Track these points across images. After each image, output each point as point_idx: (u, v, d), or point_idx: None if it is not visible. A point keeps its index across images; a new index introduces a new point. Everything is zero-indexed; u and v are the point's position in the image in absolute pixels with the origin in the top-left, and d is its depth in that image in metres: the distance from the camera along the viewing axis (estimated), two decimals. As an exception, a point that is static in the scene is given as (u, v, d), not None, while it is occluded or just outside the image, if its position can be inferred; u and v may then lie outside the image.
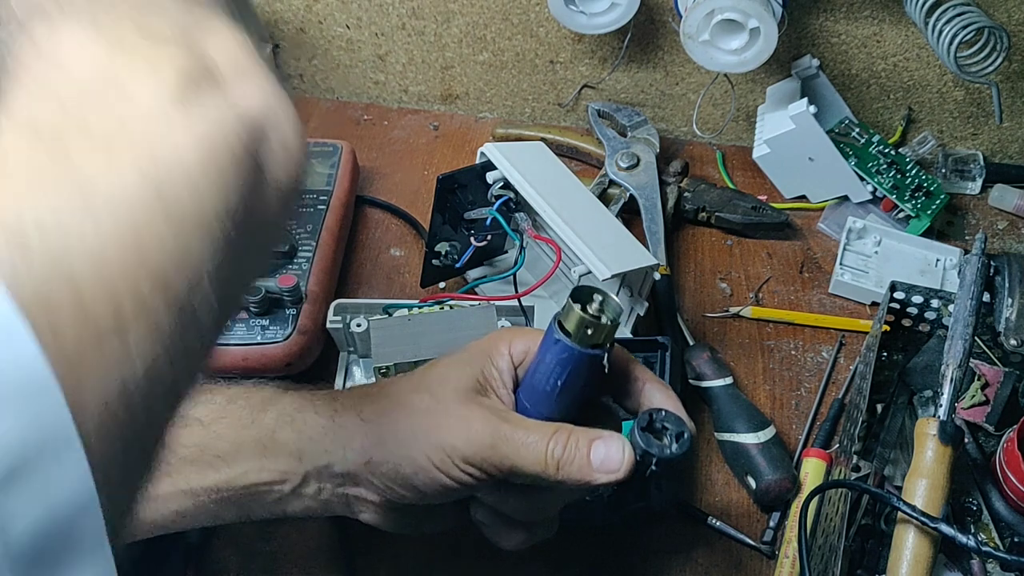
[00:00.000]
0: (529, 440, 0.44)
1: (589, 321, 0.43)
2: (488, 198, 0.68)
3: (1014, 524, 0.61)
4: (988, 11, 0.75)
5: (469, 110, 0.95)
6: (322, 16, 0.88)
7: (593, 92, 0.91)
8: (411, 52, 0.90)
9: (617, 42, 0.86)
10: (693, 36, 0.75)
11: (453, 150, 0.91)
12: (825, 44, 0.84)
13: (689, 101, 0.90)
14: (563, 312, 0.44)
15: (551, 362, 0.45)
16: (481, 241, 0.69)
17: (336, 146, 0.80)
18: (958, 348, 0.60)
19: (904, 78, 0.85)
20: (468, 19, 0.86)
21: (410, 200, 0.84)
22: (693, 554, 0.62)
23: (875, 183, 0.83)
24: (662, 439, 0.46)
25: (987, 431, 0.67)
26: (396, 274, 0.79)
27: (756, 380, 0.73)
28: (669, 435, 0.46)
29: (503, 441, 0.44)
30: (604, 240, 0.63)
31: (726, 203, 0.83)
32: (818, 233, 0.84)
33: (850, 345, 0.75)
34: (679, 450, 0.45)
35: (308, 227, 0.72)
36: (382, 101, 0.95)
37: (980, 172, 0.87)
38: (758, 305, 0.78)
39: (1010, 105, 0.85)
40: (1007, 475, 0.61)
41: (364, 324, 0.64)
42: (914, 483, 0.56)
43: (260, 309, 0.66)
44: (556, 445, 0.44)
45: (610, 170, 0.81)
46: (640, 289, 0.66)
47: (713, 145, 0.92)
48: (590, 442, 0.44)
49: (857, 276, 0.79)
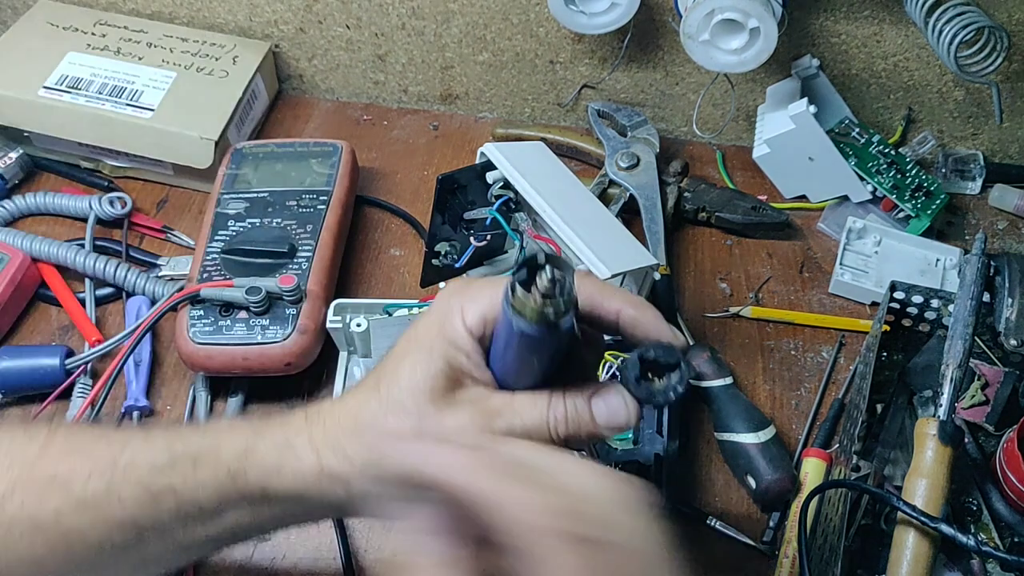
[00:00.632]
0: (527, 423, 0.42)
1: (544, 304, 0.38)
2: (488, 198, 0.68)
3: (1014, 524, 0.61)
4: (988, 11, 0.75)
5: (469, 110, 0.95)
6: (322, 16, 0.88)
7: (593, 92, 0.91)
8: (411, 52, 0.90)
9: (617, 42, 0.86)
10: (693, 36, 0.75)
11: (453, 150, 0.91)
12: (825, 44, 0.84)
13: (689, 101, 0.90)
14: (514, 297, 0.39)
15: (518, 346, 0.41)
16: (481, 241, 0.69)
17: (336, 146, 0.80)
18: (958, 348, 0.60)
19: (904, 78, 0.85)
20: (468, 19, 0.86)
21: (410, 200, 0.85)
22: (693, 554, 0.62)
23: (875, 183, 0.83)
24: (660, 379, 0.42)
25: (987, 431, 0.67)
26: (396, 274, 0.79)
27: (756, 380, 0.73)
28: (666, 374, 0.42)
29: (501, 439, 0.42)
30: (604, 240, 0.62)
31: (726, 203, 0.83)
32: (818, 233, 0.84)
33: (850, 345, 0.75)
34: (680, 386, 0.41)
35: (308, 227, 0.73)
36: (382, 101, 0.95)
37: (980, 172, 0.87)
38: (758, 305, 0.78)
39: (1010, 105, 0.85)
40: (1007, 475, 0.61)
41: (364, 324, 0.64)
42: (914, 483, 0.56)
43: (260, 309, 0.66)
44: (556, 420, 0.42)
45: (610, 170, 0.81)
46: (640, 289, 0.66)
47: (713, 145, 0.92)
48: (588, 401, 0.42)
49: (857, 276, 0.79)
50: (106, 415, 0.67)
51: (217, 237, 0.72)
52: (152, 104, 0.80)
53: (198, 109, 0.81)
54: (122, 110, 0.79)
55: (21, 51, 0.83)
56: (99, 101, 0.80)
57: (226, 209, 0.74)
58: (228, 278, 0.68)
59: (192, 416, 0.67)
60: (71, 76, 0.81)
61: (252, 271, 0.69)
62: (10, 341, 0.72)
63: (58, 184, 0.83)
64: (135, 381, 0.68)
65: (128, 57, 0.84)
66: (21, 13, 0.89)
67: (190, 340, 0.65)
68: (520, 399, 0.42)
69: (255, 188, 0.76)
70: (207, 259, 0.70)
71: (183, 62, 0.85)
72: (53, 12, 0.88)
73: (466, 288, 0.44)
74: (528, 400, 0.42)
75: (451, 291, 0.44)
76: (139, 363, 0.69)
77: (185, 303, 0.67)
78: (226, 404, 0.68)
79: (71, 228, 0.79)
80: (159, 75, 0.83)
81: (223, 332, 0.65)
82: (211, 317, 0.66)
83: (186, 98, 0.81)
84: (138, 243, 0.79)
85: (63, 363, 0.66)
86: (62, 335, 0.72)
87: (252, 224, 0.73)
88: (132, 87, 0.81)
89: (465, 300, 0.43)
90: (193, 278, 0.69)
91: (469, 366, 0.42)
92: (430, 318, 0.43)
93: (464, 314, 0.42)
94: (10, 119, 0.80)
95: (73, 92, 0.80)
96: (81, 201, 0.78)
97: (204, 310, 0.66)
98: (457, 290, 0.44)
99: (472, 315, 0.42)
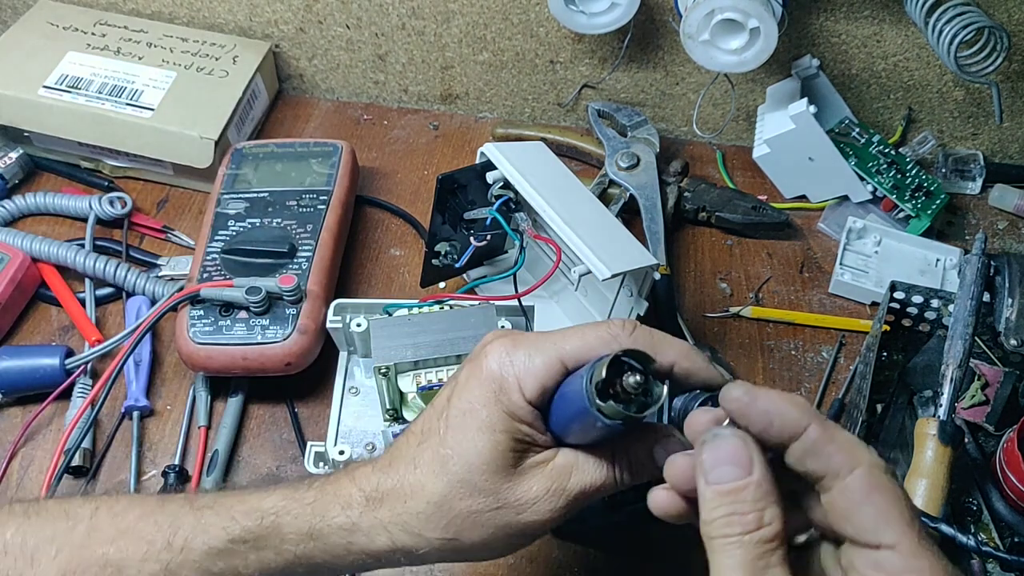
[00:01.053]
0: (596, 481, 0.43)
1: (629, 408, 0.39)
2: (488, 198, 0.68)
3: (1014, 524, 0.61)
4: (988, 11, 0.75)
5: (469, 110, 0.95)
6: (322, 16, 0.88)
7: (593, 92, 0.91)
8: (411, 52, 0.90)
9: (617, 42, 0.86)
10: (693, 36, 0.75)
11: (453, 150, 0.91)
12: (825, 44, 0.84)
13: (689, 101, 0.90)
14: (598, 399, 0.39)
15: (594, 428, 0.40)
16: (481, 241, 0.69)
17: (336, 146, 0.80)
18: (958, 348, 0.60)
19: (904, 78, 0.85)
20: (468, 19, 0.86)
21: (410, 200, 0.84)
22: (693, 555, 0.62)
23: (875, 183, 0.83)
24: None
25: (987, 431, 0.67)
26: (396, 274, 0.79)
27: (756, 380, 0.73)
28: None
29: (573, 498, 0.43)
30: (604, 240, 0.62)
31: (726, 203, 0.83)
32: (818, 233, 0.84)
33: (850, 345, 0.75)
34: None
35: (308, 227, 0.73)
36: (382, 101, 0.95)
37: (980, 172, 0.87)
38: (758, 305, 0.78)
39: (1010, 105, 0.85)
40: (1007, 475, 0.61)
41: (364, 324, 0.64)
42: (914, 483, 0.56)
43: (260, 309, 0.66)
44: (622, 475, 0.43)
45: (610, 170, 0.81)
46: (640, 289, 0.66)
47: (713, 145, 0.92)
48: (651, 453, 0.43)
49: (857, 276, 0.79)
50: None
51: (217, 237, 0.72)
52: (152, 104, 0.80)
53: (198, 109, 0.81)
54: (122, 110, 0.79)
55: (21, 51, 0.83)
56: (99, 101, 0.80)
57: (226, 209, 0.74)
58: (228, 278, 0.68)
59: (192, 416, 0.68)
60: (71, 76, 0.81)
61: (252, 271, 0.69)
62: (10, 341, 0.72)
63: (58, 184, 0.83)
64: (135, 381, 0.68)
65: (128, 57, 0.84)
66: (21, 13, 0.89)
67: (190, 340, 0.65)
68: (586, 459, 0.43)
69: (255, 188, 0.76)
70: (207, 259, 0.70)
71: (183, 62, 0.85)
72: (53, 12, 0.88)
73: (515, 350, 0.43)
74: (595, 460, 0.43)
75: (499, 356, 0.43)
76: (139, 363, 0.69)
77: (185, 303, 0.67)
78: (226, 404, 0.68)
79: (71, 228, 0.79)
80: (159, 75, 0.83)
81: (223, 332, 0.65)
82: (211, 317, 0.66)
83: (186, 98, 0.81)
84: (138, 243, 0.79)
85: (63, 363, 0.66)
86: (62, 335, 0.72)
87: (252, 224, 0.73)
88: (132, 87, 0.81)
89: (521, 372, 0.42)
90: (193, 278, 0.69)
91: (532, 434, 0.43)
92: (483, 389, 0.43)
93: (523, 387, 0.42)
94: (10, 119, 0.80)
95: (73, 92, 0.80)
96: (81, 201, 0.78)
97: (204, 310, 0.66)
98: (507, 356, 0.43)
99: (531, 388, 0.42)
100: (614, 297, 0.66)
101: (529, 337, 0.44)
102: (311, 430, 0.68)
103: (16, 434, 0.65)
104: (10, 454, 0.65)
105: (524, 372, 0.42)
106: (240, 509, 0.43)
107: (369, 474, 0.44)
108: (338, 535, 0.43)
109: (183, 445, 0.66)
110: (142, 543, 0.42)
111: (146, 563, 0.42)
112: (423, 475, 0.43)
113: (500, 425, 0.42)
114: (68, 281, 0.74)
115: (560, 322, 0.73)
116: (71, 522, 0.43)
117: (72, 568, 0.42)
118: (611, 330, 0.43)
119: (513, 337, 0.44)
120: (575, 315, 0.73)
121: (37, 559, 0.42)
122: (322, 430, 0.66)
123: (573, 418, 0.42)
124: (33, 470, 0.65)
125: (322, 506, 0.43)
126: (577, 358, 0.42)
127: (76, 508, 0.44)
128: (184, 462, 0.65)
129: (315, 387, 0.70)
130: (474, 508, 0.42)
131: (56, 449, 0.63)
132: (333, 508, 0.43)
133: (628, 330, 0.43)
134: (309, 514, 0.43)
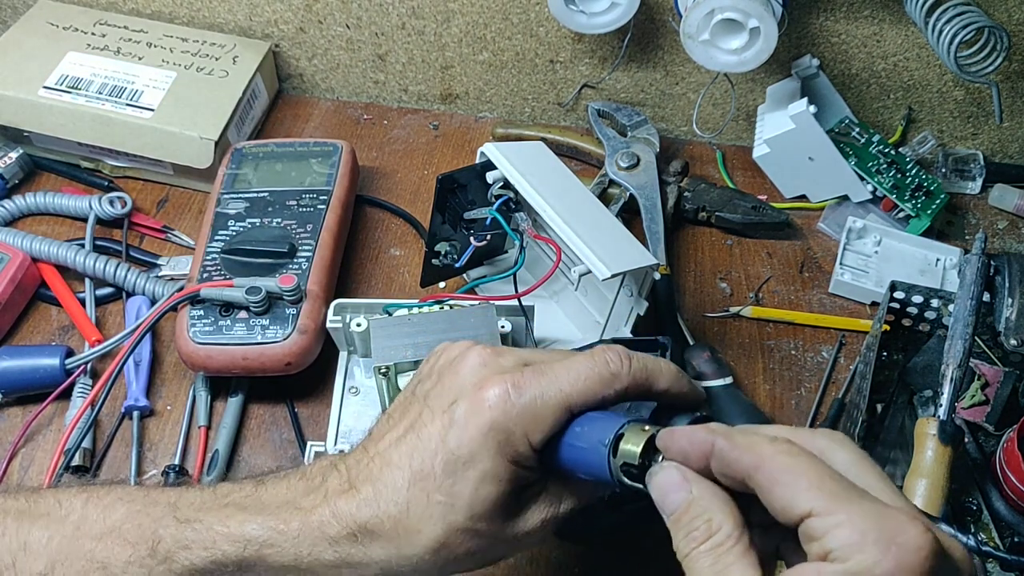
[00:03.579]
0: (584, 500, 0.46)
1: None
2: (488, 198, 0.68)
3: (1014, 524, 0.61)
4: (988, 11, 0.75)
5: (469, 110, 0.95)
6: (322, 16, 0.88)
7: (593, 92, 0.91)
8: (411, 52, 0.90)
9: (617, 42, 0.86)
10: (693, 36, 0.75)
11: (453, 150, 0.91)
12: (825, 44, 0.84)
13: (689, 101, 0.90)
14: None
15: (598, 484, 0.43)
16: (481, 241, 0.69)
17: (336, 146, 0.80)
18: (958, 348, 0.60)
19: (904, 78, 0.85)
20: (468, 19, 0.86)
21: (410, 200, 0.85)
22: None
23: (875, 183, 0.83)
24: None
25: (987, 431, 0.67)
26: (396, 274, 0.79)
27: (756, 380, 0.73)
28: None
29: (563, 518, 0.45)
30: (604, 240, 0.62)
31: (726, 203, 0.83)
32: (818, 233, 0.84)
33: (850, 345, 0.75)
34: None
35: (308, 227, 0.73)
36: (382, 101, 0.95)
37: (980, 172, 0.87)
38: (758, 305, 0.78)
39: (1010, 105, 0.85)
40: (1007, 475, 0.61)
41: (364, 324, 0.64)
42: (914, 483, 0.56)
43: (260, 309, 0.66)
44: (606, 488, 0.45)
45: (610, 170, 0.81)
46: (640, 289, 0.66)
47: (713, 145, 0.92)
48: None
49: (857, 276, 0.79)
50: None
51: (217, 237, 0.72)
52: (152, 104, 0.80)
53: (198, 109, 0.81)
54: (122, 110, 0.79)
55: (21, 51, 0.83)
56: (99, 101, 0.80)
57: (226, 209, 0.74)
58: (228, 278, 0.68)
59: (192, 416, 0.68)
60: (71, 76, 0.81)
61: (252, 271, 0.69)
62: (10, 341, 0.72)
63: (58, 184, 0.83)
64: (135, 381, 0.68)
65: (128, 57, 0.84)
66: (21, 13, 0.89)
67: (190, 340, 0.65)
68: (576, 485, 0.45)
69: (255, 188, 0.76)
70: (207, 259, 0.70)
71: (183, 62, 0.85)
72: (53, 12, 0.88)
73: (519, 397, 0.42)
74: (583, 485, 0.45)
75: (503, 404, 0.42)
76: (139, 363, 0.69)
77: (185, 303, 0.67)
78: (226, 404, 0.68)
79: (71, 228, 0.79)
80: (159, 75, 0.83)
81: (223, 332, 0.65)
82: (211, 317, 0.66)
83: (186, 98, 0.81)
84: (138, 243, 0.79)
85: (63, 363, 0.66)
86: (62, 335, 0.72)
87: (252, 224, 0.73)
88: (132, 87, 0.81)
89: (529, 426, 0.42)
90: (193, 278, 0.69)
91: (533, 476, 0.44)
92: (487, 440, 0.42)
93: (530, 438, 0.42)
94: (10, 119, 0.80)
95: (73, 92, 0.80)
96: (81, 201, 0.78)
97: (204, 310, 0.66)
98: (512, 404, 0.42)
99: (538, 438, 0.42)
100: (614, 297, 0.66)
101: (529, 380, 0.43)
102: (311, 430, 0.68)
103: (16, 434, 0.65)
104: (10, 454, 0.65)
105: (532, 425, 0.42)
106: (222, 533, 0.43)
107: (353, 510, 0.42)
108: (326, 570, 0.43)
109: (183, 445, 0.66)
110: (127, 546, 0.43)
111: (130, 566, 0.43)
112: (417, 520, 0.42)
113: (505, 475, 0.42)
114: (68, 281, 0.74)
115: (560, 322, 0.73)
116: (63, 511, 0.44)
117: (61, 558, 0.43)
118: (610, 368, 0.43)
119: (513, 379, 0.43)
120: (575, 315, 0.73)
121: (30, 544, 0.43)
122: (322, 430, 0.66)
123: (580, 469, 0.43)
124: (33, 470, 0.65)
125: (309, 541, 0.43)
126: (583, 404, 0.43)
127: (69, 498, 0.45)
128: (184, 462, 0.65)
129: (315, 387, 0.70)
130: (473, 549, 0.43)
131: (56, 449, 0.63)
132: (320, 544, 0.43)
133: (625, 366, 0.43)
134: (295, 548, 0.43)
